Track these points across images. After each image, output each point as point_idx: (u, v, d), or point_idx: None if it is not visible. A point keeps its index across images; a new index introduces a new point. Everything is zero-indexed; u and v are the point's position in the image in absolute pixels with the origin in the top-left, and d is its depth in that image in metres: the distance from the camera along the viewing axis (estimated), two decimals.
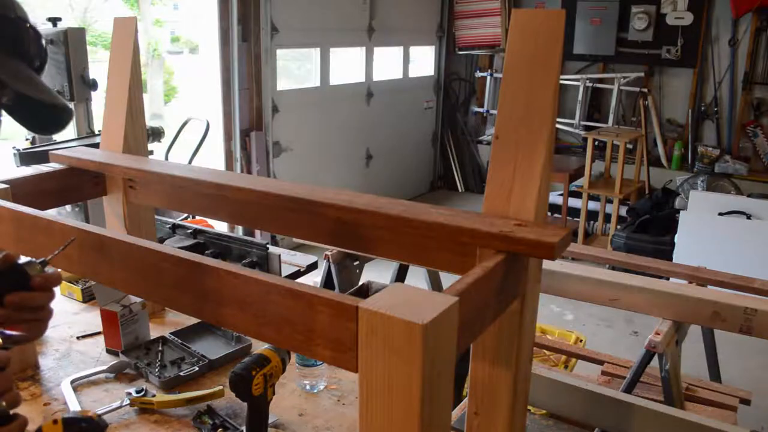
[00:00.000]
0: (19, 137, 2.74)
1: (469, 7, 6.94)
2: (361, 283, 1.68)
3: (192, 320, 1.68)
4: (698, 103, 6.18)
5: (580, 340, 2.97)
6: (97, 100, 2.89)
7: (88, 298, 1.85)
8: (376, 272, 3.45)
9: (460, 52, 7.15)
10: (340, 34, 5.72)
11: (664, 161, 6.26)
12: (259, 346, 1.23)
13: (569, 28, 6.32)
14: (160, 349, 1.58)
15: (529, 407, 1.72)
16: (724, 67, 6.02)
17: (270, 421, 1.25)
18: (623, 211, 5.49)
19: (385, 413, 0.76)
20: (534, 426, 1.71)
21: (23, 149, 2.63)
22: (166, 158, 3.67)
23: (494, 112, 6.91)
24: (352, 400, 1.42)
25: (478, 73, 7.25)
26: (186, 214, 2.85)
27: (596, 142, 5.44)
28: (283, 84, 5.27)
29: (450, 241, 1.06)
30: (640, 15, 6.09)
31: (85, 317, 1.78)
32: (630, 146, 5.82)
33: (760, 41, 5.81)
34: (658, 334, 1.85)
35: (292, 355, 1.35)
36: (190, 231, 2.14)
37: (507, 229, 0.99)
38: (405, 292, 0.79)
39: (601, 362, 2.55)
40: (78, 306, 1.84)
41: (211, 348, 1.60)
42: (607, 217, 5.59)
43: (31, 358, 1.52)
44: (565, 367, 2.76)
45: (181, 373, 1.47)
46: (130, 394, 1.37)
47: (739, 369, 3.50)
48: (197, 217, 2.70)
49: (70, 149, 1.61)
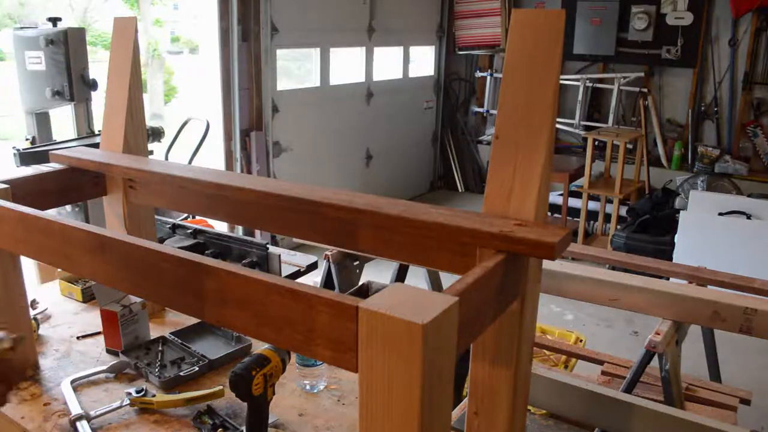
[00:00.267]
0: (19, 137, 2.75)
1: (469, 7, 6.94)
2: (361, 283, 1.68)
3: (192, 320, 1.68)
4: (698, 103, 6.18)
5: (580, 340, 2.98)
6: (97, 100, 2.90)
7: (88, 298, 1.85)
8: (376, 272, 3.46)
9: (460, 52, 7.15)
10: (340, 34, 5.71)
11: (664, 161, 6.26)
12: (259, 346, 1.23)
13: (569, 28, 6.32)
14: (160, 349, 1.58)
15: (529, 407, 1.72)
16: (724, 67, 6.02)
17: (270, 421, 1.25)
18: (623, 211, 5.49)
19: (385, 413, 0.77)
20: (534, 426, 1.71)
21: (23, 149, 2.63)
22: (166, 158, 3.67)
23: (494, 112, 6.91)
24: (352, 400, 1.42)
25: (478, 73, 7.25)
26: (186, 214, 2.86)
27: (596, 142, 5.44)
28: (283, 84, 5.26)
29: (450, 241, 1.07)
30: (640, 15, 6.09)
31: (85, 317, 1.78)
32: (630, 146, 5.82)
33: (760, 41, 5.81)
34: (658, 334, 1.85)
35: (292, 355, 1.35)
36: (190, 231, 2.14)
37: (507, 229, 0.99)
38: (405, 292, 0.79)
39: (601, 362, 2.55)
40: (78, 306, 1.84)
41: (211, 348, 1.60)
42: (607, 217, 5.59)
43: (31, 358, 1.51)
44: (565, 367, 2.76)
45: (181, 373, 1.47)
46: (130, 394, 1.37)
47: (739, 369, 3.50)
48: (197, 217, 2.71)
49: (70, 149, 1.62)
